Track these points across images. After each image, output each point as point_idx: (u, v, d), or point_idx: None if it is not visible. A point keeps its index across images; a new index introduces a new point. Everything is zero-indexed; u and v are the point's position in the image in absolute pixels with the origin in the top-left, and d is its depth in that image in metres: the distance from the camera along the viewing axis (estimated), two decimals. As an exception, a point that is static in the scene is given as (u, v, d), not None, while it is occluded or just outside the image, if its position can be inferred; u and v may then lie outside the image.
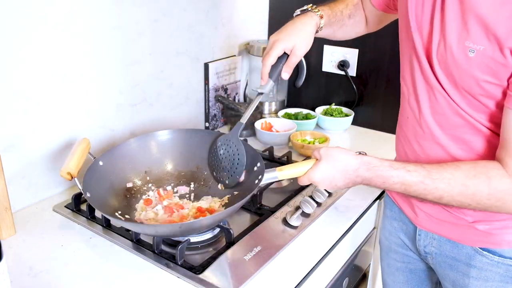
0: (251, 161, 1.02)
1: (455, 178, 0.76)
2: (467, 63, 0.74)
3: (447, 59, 0.77)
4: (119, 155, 1.09)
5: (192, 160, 1.15)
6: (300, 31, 0.97)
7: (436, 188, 0.77)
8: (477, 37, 0.72)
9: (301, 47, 0.97)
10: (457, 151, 0.85)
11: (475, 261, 0.89)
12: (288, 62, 0.98)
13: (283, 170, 0.93)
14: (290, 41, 0.96)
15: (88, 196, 0.93)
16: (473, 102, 0.79)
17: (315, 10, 1.01)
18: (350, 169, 0.84)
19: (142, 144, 1.13)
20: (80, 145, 1.04)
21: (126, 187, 1.08)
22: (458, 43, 0.75)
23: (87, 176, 0.98)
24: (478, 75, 0.74)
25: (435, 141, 0.87)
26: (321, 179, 0.87)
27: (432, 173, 0.78)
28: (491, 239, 0.86)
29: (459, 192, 0.76)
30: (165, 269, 0.90)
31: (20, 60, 1.02)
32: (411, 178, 0.79)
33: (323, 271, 1.03)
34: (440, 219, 0.92)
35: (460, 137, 0.84)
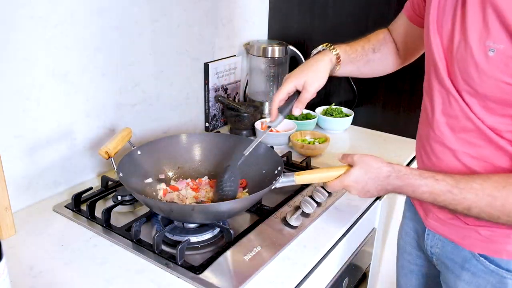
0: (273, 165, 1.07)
1: (484, 189, 0.74)
2: (487, 63, 0.73)
3: (467, 59, 0.76)
4: (157, 148, 1.16)
5: (224, 162, 1.18)
6: (311, 67, 0.99)
7: (464, 198, 0.76)
8: (497, 36, 0.71)
9: (313, 83, 0.98)
10: (464, 156, 0.84)
11: (469, 265, 0.89)
12: (300, 98, 0.99)
13: (301, 175, 0.97)
14: (301, 77, 0.98)
15: (120, 175, 1.00)
16: (489, 106, 0.77)
17: (330, 48, 1.02)
18: (381, 176, 0.85)
19: (180, 140, 1.20)
20: (121, 132, 1.15)
21: (158, 177, 1.15)
22: (479, 43, 0.73)
23: (124, 159, 1.06)
24: (497, 76, 0.72)
25: (445, 144, 0.86)
26: (354, 184, 0.89)
27: (460, 182, 0.77)
28: (492, 246, 0.85)
29: (487, 203, 0.74)
30: (165, 269, 0.90)
31: (20, 60, 1.02)
32: (439, 187, 0.78)
33: (323, 271, 1.03)
34: (447, 221, 0.91)
35: (469, 141, 0.82)
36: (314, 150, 1.42)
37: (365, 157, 0.89)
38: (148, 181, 1.12)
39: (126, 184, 0.99)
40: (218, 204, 0.98)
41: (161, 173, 1.16)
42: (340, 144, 1.56)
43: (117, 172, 1.01)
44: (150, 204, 1.00)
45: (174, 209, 0.96)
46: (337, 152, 1.50)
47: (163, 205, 0.99)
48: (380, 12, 1.54)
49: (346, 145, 1.58)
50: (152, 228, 1.04)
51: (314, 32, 1.72)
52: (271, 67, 1.71)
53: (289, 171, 1.30)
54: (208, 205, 0.98)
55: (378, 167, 0.86)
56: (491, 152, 0.80)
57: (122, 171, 1.02)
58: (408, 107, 1.56)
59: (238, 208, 0.99)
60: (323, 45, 1.04)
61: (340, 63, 1.03)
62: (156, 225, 1.04)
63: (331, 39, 1.67)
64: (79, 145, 1.21)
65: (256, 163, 1.13)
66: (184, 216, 0.97)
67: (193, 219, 0.98)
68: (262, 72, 1.72)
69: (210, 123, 1.64)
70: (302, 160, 1.35)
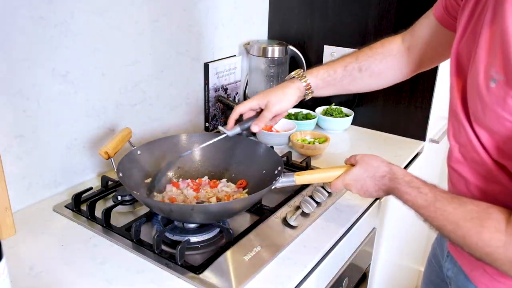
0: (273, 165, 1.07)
1: (454, 215, 0.72)
2: (488, 94, 0.66)
3: (473, 86, 0.70)
4: (157, 148, 1.16)
5: (225, 163, 1.19)
6: (278, 91, 1.02)
7: (436, 218, 0.75)
8: (500, 66, 0.63)
9: (275, 104, 1.01)
10: (475, 189, 0.79)
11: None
12: (260, 116, 1.01)
13: (301, 175, 0.98)
14: (265, 97, 1.01)
15: (120, 175, 1.00)
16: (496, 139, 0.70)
17: (301, 77, 1.04)
18: (377, 176, 0.87)
19: (180, 140, 1.20)
20: (121, 132, 1.16)
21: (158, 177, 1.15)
22: (484, 70, 0.67)
23: (124, 159, 1.06)
24: (497, 110, 0.65)
25: (459, 172, 0.82)
26: (354, 183, 0.91)
27: (437, 202, 0.75)
28: (496, 285, 0.79)
29: (452, 230, 0.73)
30: (165, 269, 0.90)
31: (20, 60, 1.02)
32: (419, 201, 0.78)
33: (323, 271, 1.03)
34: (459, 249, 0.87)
35: (480, 174, 0.77)
36: (314, 150, 1.42)
37: (366, 156, 0.91)
38: (148, 181, 1.12)
39: (126, 184, 0.99)
40: (217, 204, 0.98)
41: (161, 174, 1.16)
42: (340, 144, 1.57)
43: (117, 172, 1.01)
44: (150, 204, 1.00)
45: (173, 209, 0.96)
46: (337, 152, 1.50)
47: (163, 205, 0.99)
48: (380, 12, 1.54)
49: (346, 145, 1.58)
50: (152, 228, 1.04)
51: (314, 32, 1.72)
52: (271, 67, 1.71)
53: (289, 171, 1.31)
54: (208, 205, 0.99)
55: (377, 166, 0.88)
56: (500, 190, 0.74)
57: (122, 171, 1.02)
58: (408, 107, 1.56)
59: (238, 208, 1.00)
60: (295, 72, 1.05)
61: (312, 91, 1.05)
62: (156, 225, 1.04)
63: (331, 39, 1.68)
64: (79, 145, 1.21)
65: (256, 163, 1.14)
66: (184, 216, 0.97)
67: (193, 219, 0.98)
68: (262, 72, 1.72)
69: (210, 123, 1.64)
70: (302, 160, 1.35)
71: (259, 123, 1.01)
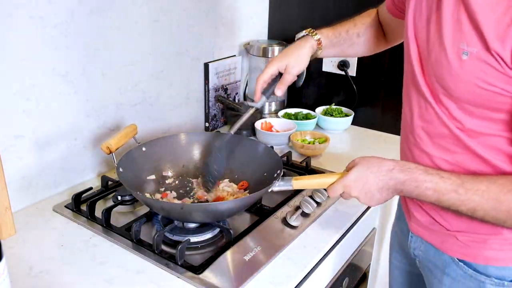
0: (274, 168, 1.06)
1: (489, 192, 0.72)
2: (460, 66, 0.72)
3: (442, 62, 0.75)
4: (161, 146, 1.16)
5: (229, 163, 1.18)
6: (293, 52, 1.04)
7: (469, 199, 0.73)
8: (470, 39, 0.70)
9: (294, 66, 1.02)
10: (441, 162, 0.83)
11: (449, 270, 0.89)
12: (282, 80, 1.03)
13: (299, 180, 0.96)
14: (283, 61, 1.02)
15: (120, 171, 1.00)
16: (467, 108, 0.76)
17: (313, 34, 1.06)
18: (384, 170, 0.81)
19: (188, 140, 1.21)
20: (125, 128, 1.17)
21: (161, 175, 1.16)
22: (452, 45, 0.73)
23: (126, 155, 1.06)
24: (471, 80, 0.71)
25: (423, 149, 0.86)
26: (354, 183, 0.85)
27: (466, 183, 0.74)
28: (469, 251, 0.85)
29: (493, 207, 0.72)
30: (165, 269, 0.90)
31: (20, 60, 1.02)
32: (444, 186, 0.75)
33: (323, 271, 1.03)
34: (427, 226, 0.91)
35: (445, 147, 0.82)
36: (314, 150, 1.42)
37: (366, 157, 0.88)
38: (151, 178, 1.13)
39: (125, 180, 0.99)
40: (206, 205, 0.98)
41: (164, 171, 1.17)
42: (340, 144, 1.57)
43: (117, 168, 1.01)
44: (149, 203, 1.00)
45: (165, 207, 0.96)
46: (337, 152, 1.50)
47: (153, 202, 0.98)
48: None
49: (346, 145, 1.58)
50: (152, 228, 1.04)
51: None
52: (271, 67, 1.70)
53: (289, 171, 1.31)
54: (198, 204, 0.98)
55: (380, 161, 0.83)
56: (467, 158, 0.79)
57: (122, 166, 1.02)
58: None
59: (235, 208, 0.99)
60: (306, 30, 1.08)
61: (322, 48, 1.07)
62: (156, 225, 1.04)
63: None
64: (79, 145, 1.21)
65: (257, 165, 1.13)
66: (183, 216, 0.97)
67: (193, 219, 0.98)
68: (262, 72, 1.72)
69: (210, 123, 1.64)
70: (302, 160, 1.35)
71: (282, 87, 1.03)
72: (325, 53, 1.09)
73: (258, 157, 1.14)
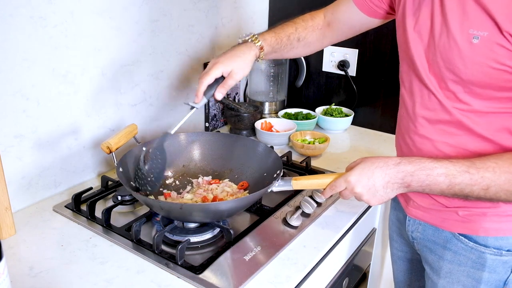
0: (273, 167, 1.07)
1: (500, 166, 0.76)
2: (471, 50, 0.76)
3: (451, 48, 0.79)
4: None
5: (229, 163, 1.19)
6: (238, 58, 1.04)
7: (482, 177, 0.76)
8: (480, 24, 0.74)
9: (238, 72, 1.03)
10: (443, 145, 0.87)
11: (450, 245, 0.93)
12: (224, 84, 1.03)
13: (298, 180, 0.96)
14: (229, 65, 1.02)
15: (120, 170, 1.00)
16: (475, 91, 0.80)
17: (255, 41, 1.08)
18: (391, 164, 0.83)
19: (188, 140, 1.21)
20: (126, 128, 1.17)
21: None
22: (461, 31, 0.77)
23: (127, 155, 1.06)
24: (482, 61, 0.75)
25: (424, 136, 0.90)
26: (358, 177, 0.85)
27: (475, 163, 0.77)
28: (469, 225, 0.89)
29: (506, 180, 0.75)
30: (165, 269, 0.90)
31: (20, 60, 1.02)
32: (455, 168, 0.78)
33: (323, 271, 1.03)
34: (426, 207, 0.95)
35: (447, 131, 0.86)
36: (314, 150, 1.42)
37: (369, 157, 0.89)
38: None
39: (125, 180, 0.99)
40: (210, 204, 0.98)
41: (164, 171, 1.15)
42: (340, 144, 1.57)
43: (117, 167, 1.01)
44: (149, 203, 1.00)
45: (164, 207, 0.96)
46: (337, 152, 1.50)
47: (153, 202, 0.98)
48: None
49: (346, 145, 1.58)
50: (152, 228, 1.04)
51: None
52: (271, 67, 1.71)
53: (289, 171, 1.31)
54: (198, 204, 0.98)
55: (386, 157, 0.85)
56: (469, 139, 0.84)
57: (122, 166, 1.02)
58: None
59: (235, 208, 0.99)
60: (250, 36, 1.09)
61: (263, 55, 1.09)
62: (156, 225, 1.04)
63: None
64: (79, 145, 1.21)
65: (257, 165, 1.13)
66: (182, 216, 0.97)
67: (193, 218, 0.98)
68: (262, 72, 1.72)
69: (210, 123, 1.64)
70: (302, 160, 1.35)
71: (223, 91, 1.03)
72: (266, 57, 1.11)
73: (258, 157, 1.14)
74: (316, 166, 1.36)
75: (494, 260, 0.88)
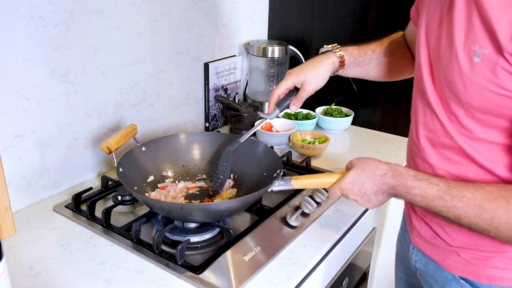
0: (273, 167, 1.07)
1: (474, 199, 0.70)
2: (471, 69, 0.70)
3: (452, 65, 0.73)
4: (161, 146, 1.17)
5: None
6: (312, 68, 1.00)
7: (454, 206, 0.72)
8: (482, 40, 0.68)
9: (312, 83, 0.99)
10: (443, 172, 0.82)
11: (450, 287, 0.87)
12: (297, 96, 1.00)
13: (298, 180, 0.96)
14: (301, 75, 0.99)
15: (120, 171, 1.01)
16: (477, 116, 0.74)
17: (336, 50, 1.02)
18: (378, 174, 0.82)
19: (188, 140, 1.21)
20: (125, 128, 1.17)
21: (161, 175, 1.16)
22: (464, 46, 0.70)
23: (127, 155, 1.07)
24: (482, 83, 0.69)
25: (426, 160, 0.85)
26: (351, 186, 0.85)
27: (453, 189, 0.73)
28: (471, 269, 0.83)
29: (476, 214, 0.70)
30: (165, 269, 0.90)
31: (20, 60, 1.02)
32: (431, 192, 0.75)
33: (323, 271, 1.03)
34: (429, 240, 0.90)
35: (449, 158, 0.81)
36: (314, 150, 1.42)
37: (362, 158, 0.87)
38: (151, 177, 1.13)
39: (125, 179, 0.99)
40: (210, 204, 0.98)
41: (164, 171, 1.17)
42: (340, 144, 1.57)
43: (117, 167, 1.01)
44: (149, 202, 1.00)
45: (164, 207, 0.96)
46: (337, 152, 1.50)
47: (153, 202, 0.99)
48: (380, 12, 1.54)
49: (346, 145, 1.58)
50: (152, 228, 1.04)
51: (314, 32, 1.72)
52: (271, 67, 1.71)
53: (289, 171, 1.31)
54: (198, 204, 0.98)
55: (375, 165, 0.84)
56: (471, 169, 0.78)
57: (122, 166, 1.02)
58: (408, 107, 1.56)
59: (235, 208, 0.99)
60: (332, 45, 1.03)
61: (344, 66, 1.03)
62: (156, 225, 1.04)
63: (331, 39, 1.68)
64: (79, 145, 1.21)
65: (257, 165, 1.13)
66: (183, 216, 0.97)
67: (193, 218, 0.98)
68: (262, 72, 1.72)
69: (210, 123, 1.64)
70: (302, 160, 1.35)
71: (297, 103, 1.01)
72: (347, 71, 1.05)
73: (258, 157, 1.15)
74: (316, 166, 1.36)
75: None
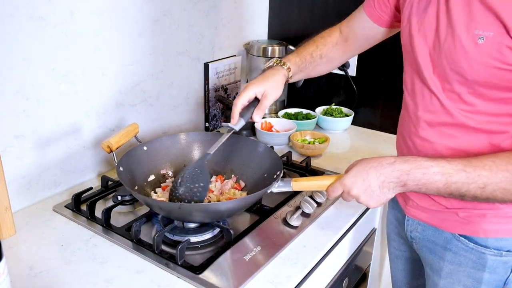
0: (273, 167, 1.07)
1: (497, 165, 0.75)
2: (477, 50, 0.76)
3: (456, 49, 0.79)
4: (163, 145, 1.16)
5: (229, 163, 1.19)
6: (269, 79, 1.05)
7: (479, 175, 0.75)
8: (486, 24, 0.74)
9: (273, 93, 1.04)
10: (443, 148, 0.88)
11: (451, 245, 0.93)
12: (260, 105, 1.04)
13: (298, 181, 0.96)
14: (261, 86, 1.03)
15: (120, 170, 1.00)
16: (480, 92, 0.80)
17: (281, 64, 1.08)
18: (385, 163, 0.81)
19: (188, 140, 1.21)
20: (127, 127, 1.17)
21: (160, 173, 1.16)
22: (467, 32, 0.76)
23: (127, 154, 1.07)
24: (488, 62, 0.75)
25: (425, 138, 0.90)
26: (354, 178, 0.84)
27: (472, 161, 0.76)
28: (469, 226, 0.89)
29: (503, 178, 0.74)
30: (165, 269, 0.90)
31: (20, 60, 1.02)
32: (451, 167, 0.77)
33: (323, 271, 1.03)
34: (425, 207, 0.95)
35: (447, 134, 0.87)
36: (314, 150, 1.42)
37: (365, 158, 0.88)
38: (151, 177, 1.13)
39: (125, 179, 0.99)
40: (210, 204, 0.98)
41: (164, 171, 1.17)
42: (340, 144, 1.57)
43: (117, 167, 1.01)
44: (148, 202, 1.00)
45: (163, 207, 0.96)
46: (337, 152, 1.50)
47: (153, 202, 0.99)
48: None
49: (346, 145, 1.58)
50: (152, 228, 1.04)
51: (314, 32, 1.71)
52: (271, 67, 1.71)
53: (289, 171, 1.31)
54: (198, 204, 0.97)
55: (380, 157, 0.84)
56: (470, 142, 0.84)
57: (122, 166, 1.02)
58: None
59: (235, 208, 0.99)
60: (274, 61, 1.10)
61: (291, 76, 1.10)
62: (156, 225, 1.04)
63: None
64: (79, 145, 1.21)
65: (257, 165, 1.13)
66: (182, 216, 0.97)
67: (192, 218, 0.98)
68: (262, 72, 1.72)
69: (210, 123, 1.64)
70: (302, 160, 1.35)
71: (260, 112, 1.04)
72: (294, 78, 1.12)
73: (258, 157, 1.15)
74: (316, 166, 1.36)
75: (494, 260, 0.88)
